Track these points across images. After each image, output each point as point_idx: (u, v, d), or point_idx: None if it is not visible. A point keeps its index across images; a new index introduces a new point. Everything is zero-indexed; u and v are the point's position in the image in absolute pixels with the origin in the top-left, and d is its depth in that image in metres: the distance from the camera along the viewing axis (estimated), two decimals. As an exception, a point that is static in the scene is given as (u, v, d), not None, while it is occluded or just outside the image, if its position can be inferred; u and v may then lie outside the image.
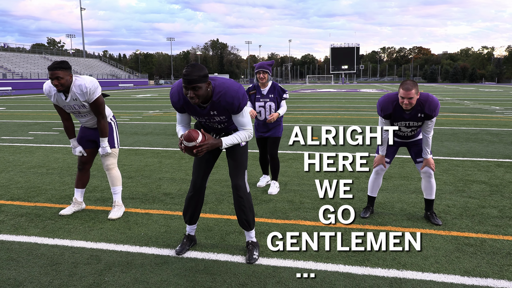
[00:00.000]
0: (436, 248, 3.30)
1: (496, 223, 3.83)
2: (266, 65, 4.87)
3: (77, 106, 3.89)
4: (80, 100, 3.83)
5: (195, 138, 2.82)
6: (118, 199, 4.18)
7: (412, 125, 3.77)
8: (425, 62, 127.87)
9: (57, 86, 3.67)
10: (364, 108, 18.42)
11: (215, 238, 3.55)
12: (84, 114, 4.01)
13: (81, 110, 3.94)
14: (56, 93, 3.83)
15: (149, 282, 2.80)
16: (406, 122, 3.76)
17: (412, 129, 3.82)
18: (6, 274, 2.92)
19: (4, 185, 5.32)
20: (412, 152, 4.01)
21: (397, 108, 3.71)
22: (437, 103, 3.63)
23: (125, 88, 58.42)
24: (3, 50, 61.88)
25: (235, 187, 3.16)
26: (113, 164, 4.17)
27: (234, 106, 2.89)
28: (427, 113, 3.63)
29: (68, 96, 3.82)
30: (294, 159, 6.87)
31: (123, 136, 9.77)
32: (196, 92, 2.74)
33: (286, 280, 2.81)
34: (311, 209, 4.29)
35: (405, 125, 3.79)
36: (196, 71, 2.71)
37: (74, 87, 3.78)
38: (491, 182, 5.27)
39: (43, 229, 3.79)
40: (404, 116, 3.72)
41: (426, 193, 3.96)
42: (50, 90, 3.85)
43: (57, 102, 3.92)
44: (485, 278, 2.82)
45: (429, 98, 3.63)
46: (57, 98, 3.86)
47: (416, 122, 3.73)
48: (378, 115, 3.90)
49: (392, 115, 3.76)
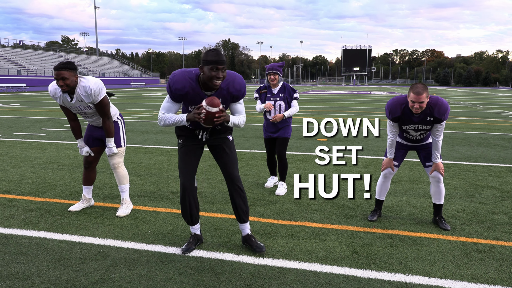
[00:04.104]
0: (444, 253, 3.26)
1: (506, 230, 3.77)
2: (276, 66, 4.86)
3: (82, 107, 3.88)
4: (85, 102, 3.81)
5: (218, 104, 2.83)
6: (126, 197, 4.21)
7: (421, 128, 3.71)
8: (438, 65, 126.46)
9: (62, 86, 3.66)
10: (375, 110, 18.29)
11: (221, 237, 3.56)
12: (90, 115, 4.00)
13: (86, 111, 3.93)
14: (62, 95, 3.81)
15: (155, 279, 2.82)
16: (415, 126, 3.70)
17: (421, 132, 3.76)
18: (15, 268, 2.96)
19: (16, 180, 5.40)
20: (421, 155, 3.96)
21: (406, 111, 3.66)
22: (446, 107, 3.57)
23: (137, 86, 58.88)
24: (18, 47, 62.82)
25: (233, 179, 3.20)
26: (119, 163, 4.17)
27: (240, 93, 3.07)
28: (437, 117, 3.58)
29: (73, 97, 3.80)
30: (303, 160, 6.86)
31: (133, 134, 9.85)
32: (223, 73, 2.88)
33: (291, 282, 2.80)
34: (318, 211, 4.28)
35: (414, 129, 3.74)
36: (222, 54, 2.88)
37: (79, 88, 3.76)
38: (502, 188, 5.20)
39: (52, 224, 3.84)
40: (413, 119, 3.66)
41: (435, 197, 3.91)
42: (55, 92, 3.83)
43: (63, 103, 3.90)
44: (493, 285, 2.78)
45: (438, 102, 3.56)
46: (63, 99, 3.84)
47: (425, 126, 3.68)
48: (387, 118, 3.85)
49: (400, 118, 3.71)
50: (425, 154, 3.91)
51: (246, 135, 9.87)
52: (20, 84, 42.04)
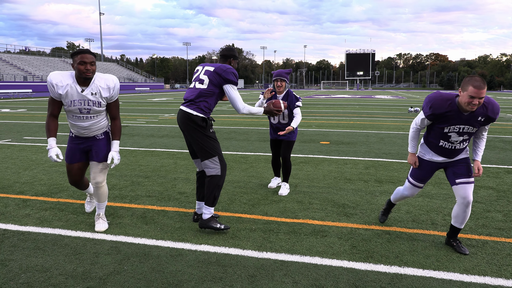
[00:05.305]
0: (438, 248, 3.43)
1: (500, 226, 3.94)
2: (284, 73, 4.91)
3: (91, 102, 3.51)
4: (101, 95, 3.53)
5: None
6: (103, 213, 3.96)
7: (465, 131, 3.21)
8: (442, 68, 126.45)
9: (87, 71, 3.37)
10: (378, 114, 18.45)
11: (227, 234, 3.74)
12: (92, 116, 3.61)
13: (93, 108, 3.54)
14: (71, 84, 3.43)
15: (165, 271, 3.01)
16: (460, 127, 3.19)
17: (464, 138, 3.26)
18: (34, 261, 3.16)
19: (29, 182, 5.62)
20: (450, 171, 3.41)
21: (452, 108, 3.14)
22: (499, 106, 3.17)
23: (142, 91, 59.31)
24: (24, 54, 63.63)
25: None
26: (104, 181, 3.83)
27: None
28: (491, 116, 3.14)
29: (86, 88, 3.47)
30: (305, 163, 7.04)
31: (140, 138, 10.07)
32: None
33: (292, 273, 2.98)
34: (319, 209, 4.45)
35: (458, 131, 3.22)
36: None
37: (97, 79, 3.51)
38: (499, 188, 5.35)
39: (66, 222, 4.04)
40: (461, 117, 3.14)
41: (457, 220, 3.40)
42: (61, 80, 3.44)
43: (64, 95, 3.45)
44: (483, 276, 2.94)
45: (491, 100, 3.14)
46: (68, 89, 3.43)
47: (471, 128, 3.20)
48: (422, 113, 3.33)
49: (444, 116, 3.17)
50: (455, 169, 3.38)
51: (250, 139, 10.07)
52: (26, 90, 42.57)
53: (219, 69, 3.73)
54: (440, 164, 3.47)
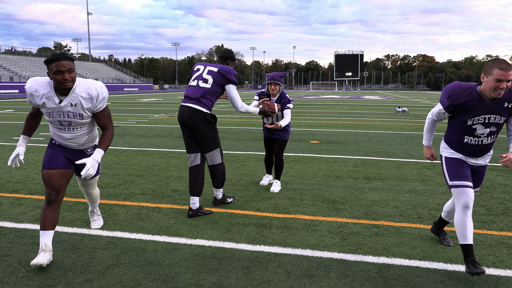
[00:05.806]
0: (424, 240, 3.59)
1: (482, 220, 4.11)
2: (278, 76, 4.98)
3: (72, 114, 3.04)
4: (82, 107, 3.03)
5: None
6: (98, 209, 3.97)
7: (493, 121, 2.85)
8: (429, 70, 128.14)
9: (66, 81, 2.87)
10: (366, 114, 18.72)
11: (221, 229, 3.85)
12: (75, 128, 3.14)
13: (74, 120, 3.07)
14: (47, 94, 2.98)
15: (162, 264, 3.10)
16: (486, 117, 2.83)
17: (491, 129, 2.89)
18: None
19: (22, 181, 5.65)
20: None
21: (474, 97, 2.82)
22: None
23: (130, 92, 59.03)
24: (10, 54, 62.74)
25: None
26: (96, 188, 3.76)
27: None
28: None
29: (64, 99, 2.98)
30: (296, 161, 7.17)
31: (131, 138, 10.11)
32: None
33: (285, 264, 3.10)
34: (310, 205, 4.58)
35: (483, 122, 2.86)
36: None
37: (78, 88, 2.98)
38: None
39: (61, 219, 4.10)
40: (485, 106, 2.80)
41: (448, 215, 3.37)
42: (37, 89, 2.97)
43: (42, 105, 3.01)
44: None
45: None
46: (45, 100, 2.99)
47: (499, 117, 2.83)
48: (440, 104, 3.04)
49: (464, 106, 2.85)
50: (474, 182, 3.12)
51: (241, 138, 10.18)
52: (12, 90, 42.05)
53: (222, 70, 4.12)
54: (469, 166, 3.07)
